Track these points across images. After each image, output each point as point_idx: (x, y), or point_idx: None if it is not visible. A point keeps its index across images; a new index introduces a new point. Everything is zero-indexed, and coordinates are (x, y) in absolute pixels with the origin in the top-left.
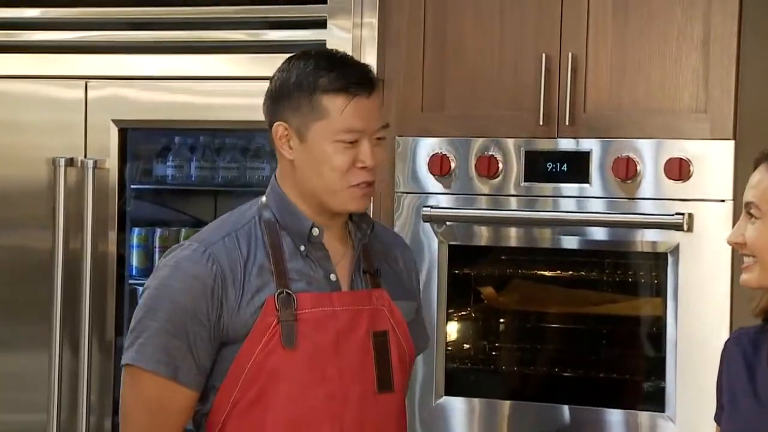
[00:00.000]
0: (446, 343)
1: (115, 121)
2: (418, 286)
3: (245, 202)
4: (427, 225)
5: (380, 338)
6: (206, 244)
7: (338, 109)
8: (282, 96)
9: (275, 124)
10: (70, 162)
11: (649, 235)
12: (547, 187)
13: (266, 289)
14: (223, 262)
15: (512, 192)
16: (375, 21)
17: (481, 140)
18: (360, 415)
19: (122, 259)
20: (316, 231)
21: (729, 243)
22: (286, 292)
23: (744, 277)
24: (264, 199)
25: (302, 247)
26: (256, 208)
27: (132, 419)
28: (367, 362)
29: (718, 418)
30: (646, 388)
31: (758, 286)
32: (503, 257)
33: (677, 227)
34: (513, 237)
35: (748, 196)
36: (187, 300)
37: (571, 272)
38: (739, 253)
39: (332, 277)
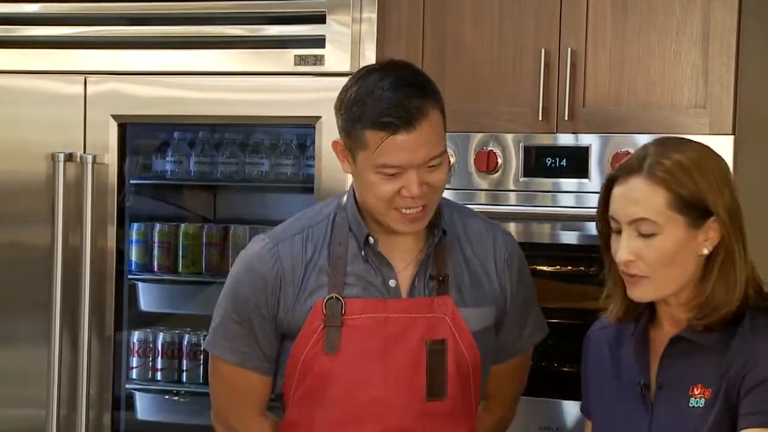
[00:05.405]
0: None
1: (114, 117)
2: (518, 275)
3: (244, 196)
4: None
5: (436, 346)
6: (276, 241)
7: (375, 144)
8: (339, 115)
9: (336, 140)
10: (69, 157)
11: None
12: (546, 182)
13: (320, 291)
14: (286, 261)
15: (511, 187)
16: (374, 16)
17: (480, 135)
18: (405, 421)
19: (121, 254)
20: (371, 240)
21: (620, 263)
22: (336, 297)
23: (637, 292)
24: (344, 199)
25: (363, 252)
26: (333, 207)
27: (216, 398)
28: (418, 370)
29: (585, 410)
30: None
31: (655, 299)
32: None
33: None
34: (512, 232)
35: (637, 212)
36: (249, 293)
37: (570, 267)
38: (625, 271)
39: (391, 283)
